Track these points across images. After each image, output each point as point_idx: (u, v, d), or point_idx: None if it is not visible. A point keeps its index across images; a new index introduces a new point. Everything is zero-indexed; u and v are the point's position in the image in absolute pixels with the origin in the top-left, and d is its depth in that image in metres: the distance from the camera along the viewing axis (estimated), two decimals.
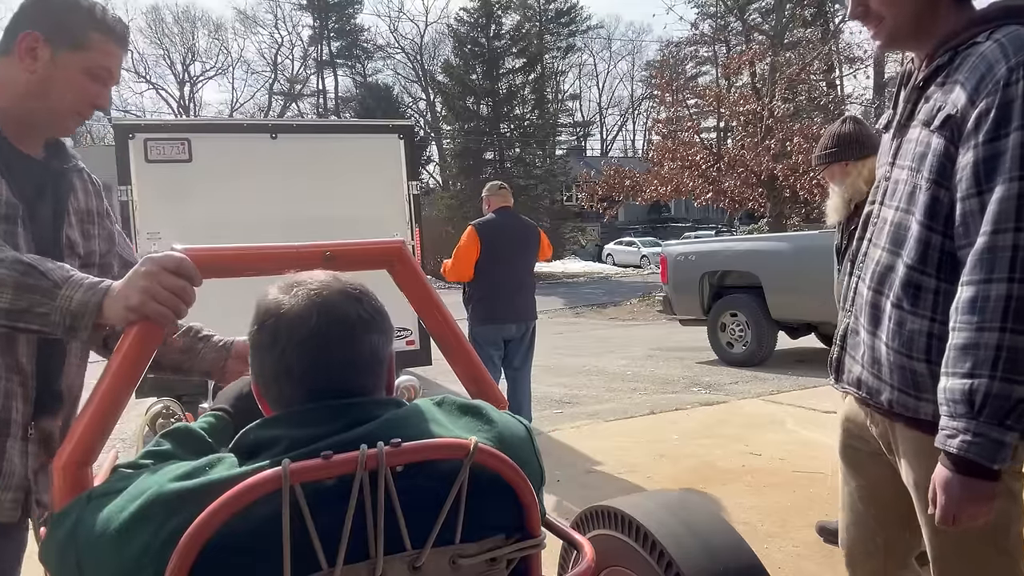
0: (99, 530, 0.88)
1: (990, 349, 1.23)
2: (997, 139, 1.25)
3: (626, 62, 62.43)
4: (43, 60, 1.41)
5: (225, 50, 49.35)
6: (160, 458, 1.10)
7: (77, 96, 1.46)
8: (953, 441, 1.26)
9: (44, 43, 1.41)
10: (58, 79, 1.43)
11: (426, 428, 1.01)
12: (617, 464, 4.33)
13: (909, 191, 1.42)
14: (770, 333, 7.74)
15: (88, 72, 1.45)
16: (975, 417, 1.24)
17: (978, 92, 1.28)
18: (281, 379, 0.99)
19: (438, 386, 6.96)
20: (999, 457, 1.23)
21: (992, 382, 1.22)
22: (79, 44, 1.43)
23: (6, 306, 1.15)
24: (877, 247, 1.50)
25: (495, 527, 1.01)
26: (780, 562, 3.01)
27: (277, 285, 1.04)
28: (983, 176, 1.27)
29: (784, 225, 17.18)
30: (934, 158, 1.36)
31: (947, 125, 1.34)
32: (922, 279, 1.39)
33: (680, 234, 28.27)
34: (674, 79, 21.16)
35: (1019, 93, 1.23)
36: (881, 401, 1.50)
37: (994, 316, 1.23)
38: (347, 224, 5.60)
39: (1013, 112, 1.23)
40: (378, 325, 1.04)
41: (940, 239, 1.36)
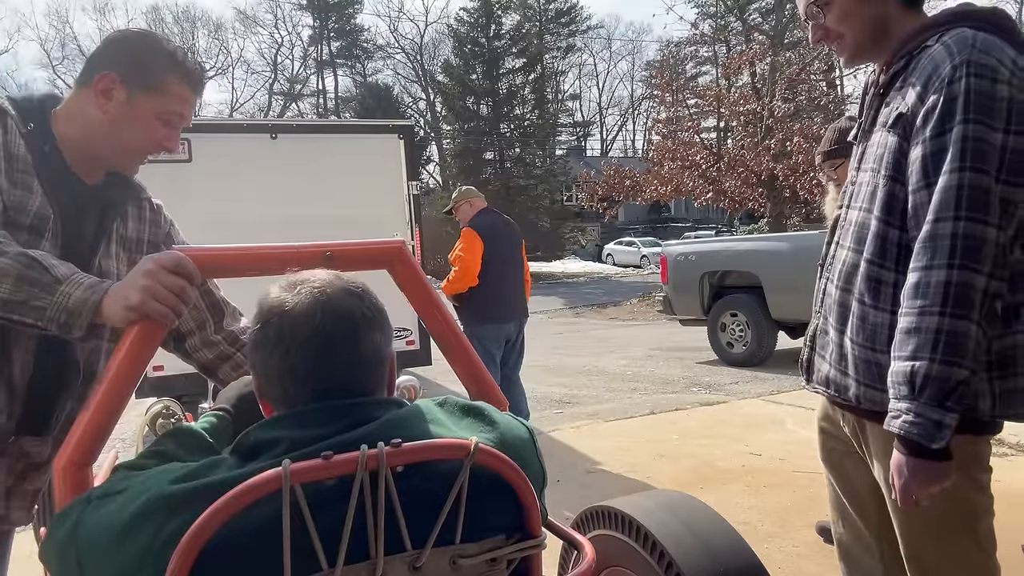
0: (100, 531, 0.88)
1: (930, 332, 1.28)
2: (943, 133, 1.32)
3: (626, 62, 62.55)
4: (117, 101, 1.42)
5: (225, 50, 49.37)
6: (160, 458, 1.10)
7: (146, 138, 1.46)
8: (896, 422, 1.33)
9: (121, 85, 1.41)
10: (130, 120, 1.43)
11: (427, 429, 1.00)
12: (617, 464, 4.33)
13: (870, 191, 1.48)
14: (770, 333, 7.74)
15: (160, 116, 1.45)
16: (916, 398, 1.29)
17: (926, 90, 1.35)
18: (285, 377, 0.99)
19: (438, 386, 6.96)
20: (937, 437, 1.28)
21: (932, 364, 1.28)
22: (155, 87, 1.43)
23: (4, 296, 1.14)
24: (843, 247, 1.56)
25: (495, 527, 1.01)
26: (780, 562, 3.01)
27: (279, 284, 1.04)
28: (931, 169, 1.33)
29: (784, 225, 17.19)
30: (889, 155, 1.43)
31: (899, 123, 1.41)
32: (881, 273, 1.44)
33: (680, 234, 28.28)
34: (674, 79, 21.16)
35: (962, 89, 1.30)
36: (849, 397, 1.53)
37: (934, 301, 1.28)
38: (347, 224, 5.59)
39: (957, 107, 1.30)
40: (380, 324, 1.04)
41: (897, 233, 1.42)
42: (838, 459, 1.75)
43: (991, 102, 1.29)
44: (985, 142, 1.28)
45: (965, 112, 1.29)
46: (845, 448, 1.71)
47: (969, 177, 1.28)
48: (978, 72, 1.30)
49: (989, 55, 1.31)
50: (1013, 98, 1.30)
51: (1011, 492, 3.56)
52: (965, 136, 1.29)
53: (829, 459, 1.79)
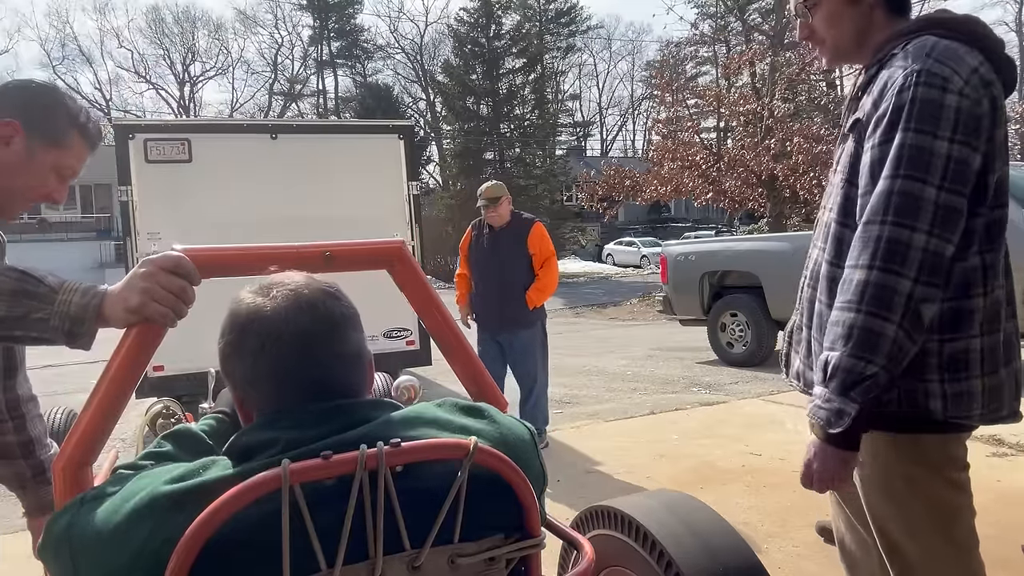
0: (93, 531, 0.88)
1: (845, 327, 1.34)
2: (888, 141, 1.35)
3: (626, 62, 62.59)
4: (15, 149, 1.42)
5: (225, 50, 49.42)
6: (160, 459, 1.10)
7: (38, 187, 1.47)
8: (809, 406, 1.42)
9: (22, 133, 1.41)
10: (25, 169, 1.43)
11: (425, 429, 1.00)
12: (617, 464, 4.33)
13: (833, 194, 1.54)
14: (770, 333, 7.73)
15: (56, 169, 1.47)
16: (825, 385, 1.37)
17: (881, 97, 1.39)
18: (269, 380, 0.98)
19: (438, 386, 6.96)
20: (836, 423, 1.34)
21: (842, 356, 1.34)
22: (57, 142, 1.45)
23: (2, 314, 1.12)
24: (815, 248, 1.62)
25: (494, 527, 1.01)
26: (780, 562, 3.01)
27: (250, 289, 1.03)
28: (876, 174, 1.37)
29: (784, 225, 17.19)
30: (847, 159, 1.49)
31: (856, 128, 1.46)
32: (836, 272, 1.48)
33: (680, 234, 28.28)
34: (674, 79, 21.16)
35: (909, 98, 1.33)
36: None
37: (853, 298, 1.34)
38: (347, 224, 5.60)
39: (903, 115, 1.33)
40: (357, 323, 1.05)
41: (851, 234, 1.44)
42: None
43: (938, 111, 1.31)
44: (925, 151, 1.31)
45: (908, 120, 1.32)
46: None
47: (900, 184, 1.31)
48: (928, 81, 1.32)
49: (944, 64, 1.33)
50: (961, 108, 1.31)
51: (1011, 492, 3.57)
52: (903, 144, 1.32)
53: None
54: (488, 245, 4.87)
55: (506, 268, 4.78)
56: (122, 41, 68.19)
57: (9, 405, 1.70)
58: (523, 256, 4.80)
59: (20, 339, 1.15)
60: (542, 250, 4.84)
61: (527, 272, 4.78)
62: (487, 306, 4.86)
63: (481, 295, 4.89)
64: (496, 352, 4.87)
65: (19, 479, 1.73)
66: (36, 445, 1.72)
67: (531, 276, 4.77)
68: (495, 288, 4.79)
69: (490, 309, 4.84)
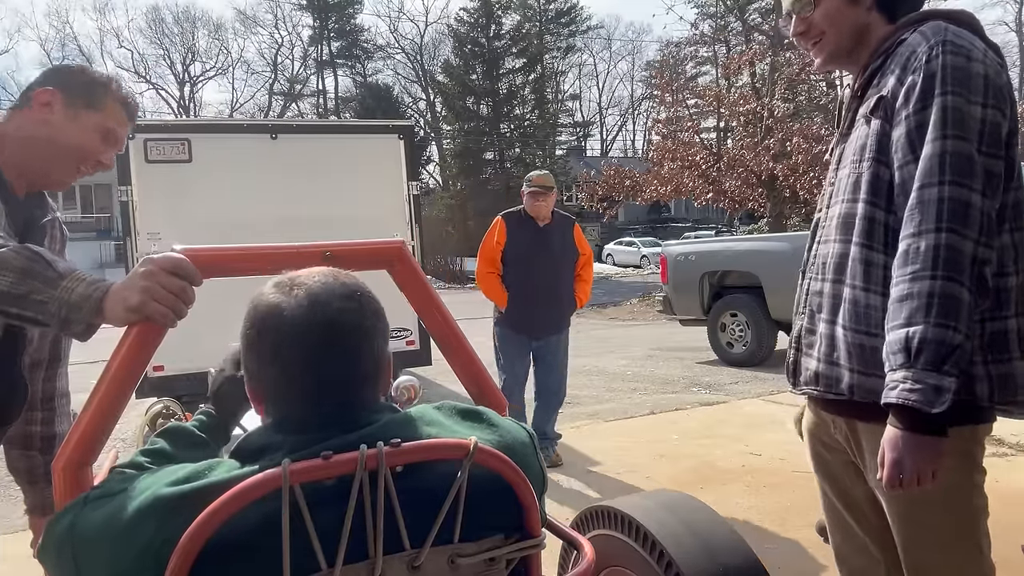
0: (96, 531, 0.88)
1: (923, 297, 1.26)
2: (925, 108, 1.34)
3: (626, 62, 62.49)
4: (58, 112, 1.51)
5: (225, 50, 49.37)
6: (156, 457, 1.10)
7: (85, 146, 1.54)
8: (893, 392, 1.28)
9: (61, 99, 1.51)
10: (70, 130, 1.52)
11: (426, 430, 1.01)
12: (617, 464, 4.34)
13: (853, 182, 1.49)
14: (770, 333, 7.74)
15: (100, 131, 1.55)
16: (913, 364, 1.26)
17: (905, 72, 1.39)
18: (280, 380, 0.98)
19: (438, 386, 6.96)
20: (937, 402, 1.24)
21: (927, 328, 1.25)
22: (95, 105, 1.54)
23: (5, 288, 1.14)
24: (828, 242, 1.56)
25: (494, 527, 1.01)
26: (780, 562, 3.01)
27: (274, 284, 1.03)
28: (916, 143, 1.34)
29: (784, 225, 17.18)
30: (873, 138, 1.44)
31: (880, 106, 1.43)
32: (871, 255, 1.43)
33: (680, 234, 28.27)
34: (674, 79, 21.16)
35: (939, 65, 1.33)
36: (841, 389, 1.49)
37: (925, 264, 1.27)
38: (347, 224, 5.59)
39: (936, 82, 1.33)
40: (376, 324, 1.03)
41: (883, 215, 1.42)
42: (833, 469, 1.71)
43: (967, 77, 1.32)
44: (964, 113, 1.30)
45: (944, 85, 1.32)
46: (838, 456, 1.67)
47: (952, 144, 1.29)
48: (954, 50, 1.34)
49: (962, 38, 1.36)
50: (988, 75, 1.33)
51: (1011, 492, 3.56)
52: (945, 107, 1.31)
53: (822, 468, 1.75)
54: (534, 240, 4.41)
55: (558, 267, 4.44)
56: (122, 41, 68.37)
57: (44, 395, 1.74)
58: (573, 254, 4.53)
59: (16, 316, 1.16)
60: (587, 248, 4.67)
61: (572, 272, 4.55)
62: (528, 308, 4.37)
63: (523, 298, 4.36)
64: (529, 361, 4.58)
65: (30, 474, 1.74)
66: (58, 443, 1.74)
67: (573, 276, 4.56)
68: (542, 288, 4.35)
69: (532, 311, 4.38)
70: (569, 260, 4.51)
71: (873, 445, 1.48)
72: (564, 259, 4.48)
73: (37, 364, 1.71)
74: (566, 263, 4.50)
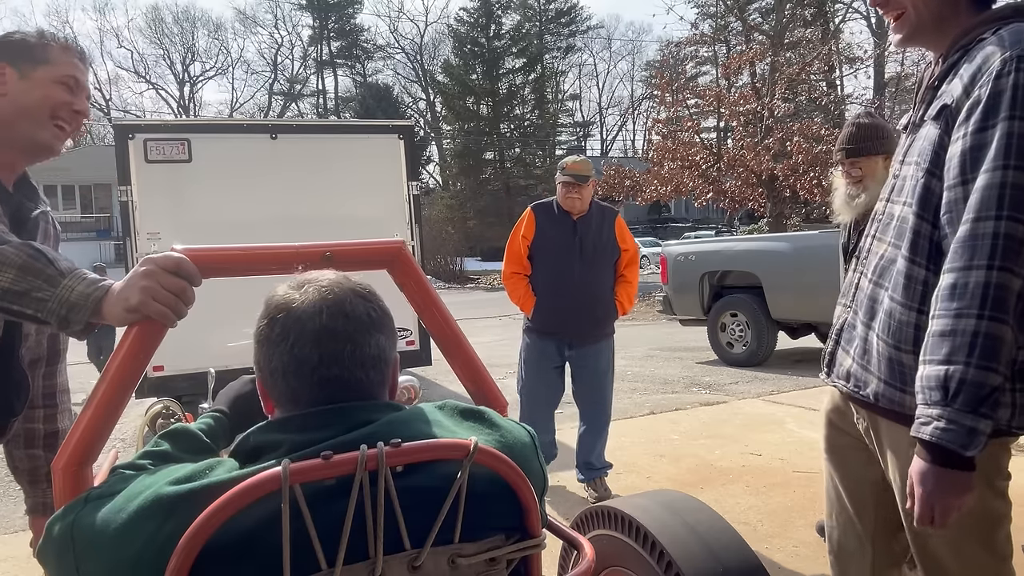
0: (97, 531, 0.88)
1: (967, 335, 1.22)
2: (985, 129, 1.26)
3: (626, 62, 62.53)
4: (11, 81, 1.50)
5: (225, 50, 49.46)
6: (158, 459, 1.10)
7: (52, 102, 1.54)
8: (927, 428, 1.25)
9: (7, 66, 1.51)
10: (30, 93, 1.52)
11: (427, 430, 1.01)
12: (617, 464, 4.33)
13: (913, 185, 1.43)
14: (770, 333, 7.74)
15: (58, 81, 1.54)
16: (949, 404, 1.23)
17: (973, 83, 1.29)
18: (289, 375, 1.00)
19: (438, 386, 6.96)
20: (972, 444, 1.22)
21: (968, 369, 1.21)
22: (43, 60, 1.53)
23: (6, 285, 1.14)
24: (881, 241, 1.51)
25: (495, 527, 1.01)
26: (780, 562, 3.01)
27: (287, 284, 1.05)
28: (969, 165, 1.28)
29: (784, 225, 17.18)
30: (929, 147, 1.38)
31: (942, 115, 1.36)
32: (913, 269, 1.39)
33: (680, 234, 28.27)
34: (674, 79, 21.15)
35: (1009, 84, 1.24)
36: (867, 394, 1.50)
37: (972, 303, 1.22)
38: (347, 224, 5.61)
39: (1002, 102, 1.24)
40: (385, 326, 1.05)
41: (930, 228, 1.37)
42: (843, 454, 1.72)
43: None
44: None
45: (1011, 108, 1.23)
46: (854, 444, 1.68)
47: (1013, 175, 1.22)
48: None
49: None
50: None
51: (1012, 492, 3.54)
52: (1010, 133, 1.22)
53: (833, 452, 1.76)
54: (566, 233, 3.85)
55: (595, 266, 3.86)
56: (122, 41, 68.40)
57: (45, 392, 1.75)
58: (613, 251, 3.92)
59: (16, 313, 1.16)
60: (633, 245, 4.03)
61: (613, 271, 3.95)
62: (558, 310, 3.84)
63: (553, 298, 3.85)
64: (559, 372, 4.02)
65: (33, 474, 1.74)
66: (61, 438, 1.74)
67: (614, 276, 3.97)
68: (575, 287, 3.81)
69: (562, 313, 3.83)
70: (608, 257, 3.91)
71: (893, 443, 1.50)
72: (601, 255, 3.88)
73: (37, 361, 1.71)
74: (604, 260, 3.89)
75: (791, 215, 18.23)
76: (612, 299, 3.93)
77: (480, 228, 29.88)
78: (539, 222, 3.92)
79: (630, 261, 4.00)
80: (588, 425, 4.04)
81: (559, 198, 3.89)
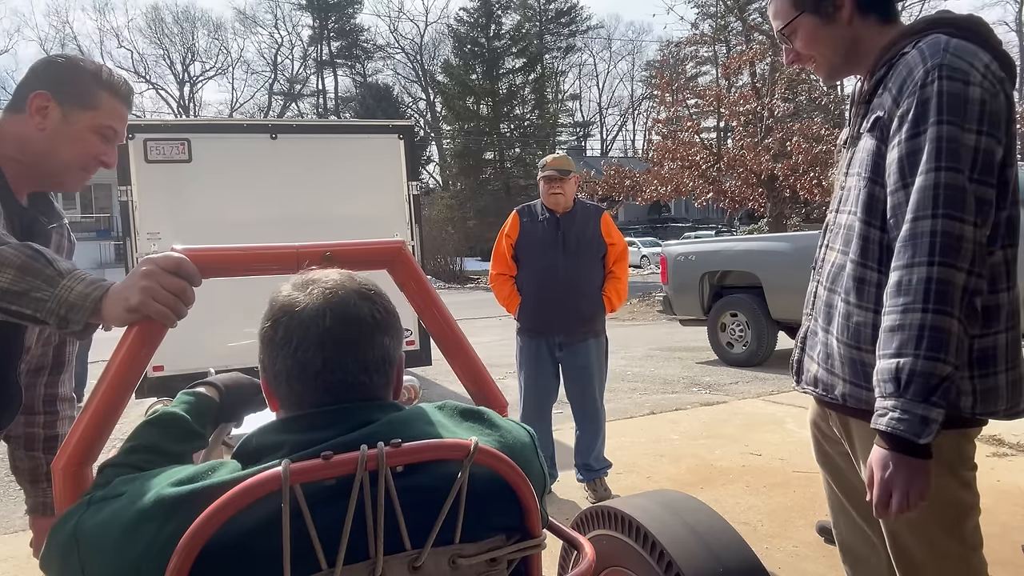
0: (100, 533, 0.88)
1: (914, 329, 1.30)
2: (917, 135, 1.35)
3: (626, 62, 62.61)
4: (53, 118, 1.49)
5: (225, 50, 49.50)
6: (146, 453, 1.09)
7: (84, 152, 1.53)
8: (883, 419, 1.32)
9: (54, 103, 1.49)
10: (67, 136, 1.50)
11: (427, 430, 1.01)
12: (617, 464, 4.33)
13: (856, 194, 1.51)
14: (770, 333, 7.74)
15: (96, 130, 1.53)
16: (902, 395, 1.30)
17: (901, 93, 1.40)
18: (292, 377, 0.99)
19: (438, 386, 6.96)
20: (925, 432, 1.29)
21: (917, 360, 1.29)
22: (88, 104, 1.51)
23: (5, 285, 1.14)
24: (832, 250, 1.59)
25: (495, 527, 1.01)
26: (780, 562, 3.01)
27: (292, 282, 1.05)
28: (907, 170, 1.37)
29: (784, 225, 17.20)
30: (868, 157, 1.48)
31: (877, 126, 1.46)
32: (864, 272, 1.47)
33: (680, 234, 28.28)
34: (674, 79, 21.16)
35: (934, 92, 1.34)
36: (836, 396, 1.56)
37: (917, 298, 1.30)
38: (347, 224, 5.61)
39: (930, 109, 1.34)
40: (389, 327, 1.04)
41: (878, 233, 1.45)
42: (834, 462, 1.76)
43: (963, 104, 1.32)
44: (958, 142, 1.31)
45: (938, 114, 1.32)
46: (838, 449, 1.72)
47: (944, 176, 1.31)
48: (950, 75, 1.33)
49: (961, 59, 1.35)
50: (984, 100, 1.33)
51: (1011, 492, 3.57)
52: (939, 137, 1.32)
53: (824, 460, 1.80)
54: (551, 230, 3.86)
55: (579, 261, 3.85)
56: (122, 41, 68.44)
57: (46, 399, 1.75)
58: (599, 246, 3.90)
59: (14, 314, 1.16)
60: (620, 240, 4.00)
61: (601, 267, 3.93)
62: (543, 307, 3.86)
63: (537, 295, 3.87)
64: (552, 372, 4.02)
65: (33, 474, 1.74)
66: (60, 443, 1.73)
67: (603, 273, 3.95)
68: (561, 285, 3.81)
69: (547, 310, 3.85)
70: (593, 252, 3.89)
71: (862, 441, 1.55)
72: (586, 250, 3.87)
73: (39, 369, 1.72)
74: (589, 255, 3.88)
75: (791, 215, 18.24)
76: (599, 296, 3.93)
77: (480, 228, 29.90)
78: (523, 221, 3.97)
79: (618, 257, 3.98)
80: (582, 427, 4.07)
81: (542, 195, 3.95)
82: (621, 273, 4.00)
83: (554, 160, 3.94)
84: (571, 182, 3.90)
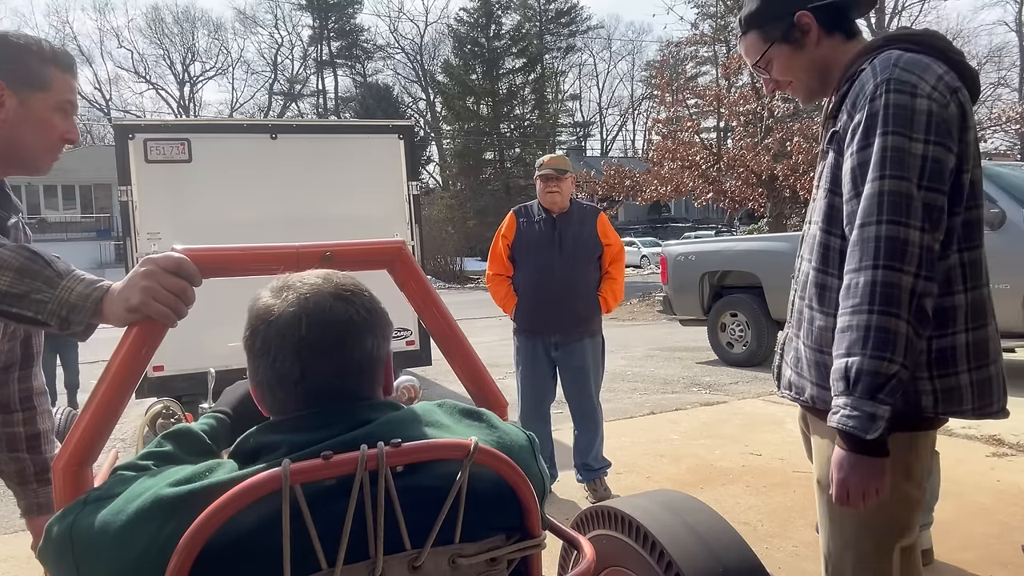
0: (97, 533, 0.88)
1: (861, 329, 1.35)
2: (867, 147, 1.41)
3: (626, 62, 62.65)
4: (11, 107, 1.45)
5: (225, 50, 49.54)
6: (160, 459, 1.10)
7: (49, 134, 1.50)
8: (835, 417, 1.38)
9: (8, 91, 1.44)
10: (29, 121, 1.47)
11: (427, 429, 1.01)
12: (617, 464, 4.33)
13: (821, 205, 1.57)
14: (770, 333, 7.74)
15: (57, 109, 1.49)
16: (851, 392, 1.35)
17: (854, 107, 1.46)
18: (275, 386, 0.99)
19: (438, 386, 6.96)
20: (872, 429, 1.33)
21: (863, 359, 1.34)
22: (41, 84, 1.47)
23: (4, 288, 1.13)
24: (803, 260, 1.65)
25: (495, 527, 1.01)
26: (780, 562, 3.01)
27: (268, 288, 1.04)
28: (858, 179, 1.42)
29: (784, 225, 17.19)
30: (828, 170, 1.55)
31: (834, 140, 1.53)
32: (825, 279, 1.53)
33: (680, 234, 28.28)
34: (674, 79, 21.16)
35: (881, 105, 1.40)
36: (806, 398, 1.60)
37: (863, 300, 1.35)
38: (347, 224, 5.61)
39: (877, 122, 1.40)
40: (371, 325, 1.02)
41: (838, 241, 1.51)
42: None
43: (910, 115, 1.37)
44: (904, 151, 1.37)
45: (885, 125, 1.38)
46: None
47: (888, 184, 1.36)
48: (898, 88, 1.39)
49: (910, 72, 1.40)
50: (932, 111, 1.38)
51: (1011, 492, 3.57)
52: (885, 147, 1.37)
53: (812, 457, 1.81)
54: (548, 230, 3.88)
55: (575, 261, 3.86)
56: (122, 41, 68.45)
57: (22, 396, 1.72)
58: (595, 246, 3.91)
59: (15, 316, 1.15)
60: (617, 241, 4.03)
61: (597, 267, 3.95)
62: (538, 307, 3.87)
63: (534, 296, 3.88)
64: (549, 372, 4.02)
65: (21, 475, 1.73)
66: (43, 440, 1.72)
67: (599, 273, 3.97)
68: (558, 286, 3.82)
69: (543, 310, 3.86)
70: (589, 252, 3.90)
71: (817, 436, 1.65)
72: (582, 250, 3.88)
73: (9, 366, 1.68)
74: (584, 255, 3.89)
75: (791, 215, 18.22)
76: (595, 296, 3.94)
77: (480, 228, 29.89)
78: (519, 222, 3.99)
79: (615, 258, 4.00)
80: (580, 427, 4.07)
81: (539, 195, 3.96)
82: (617, 274, 4.01)
83: (551, 159, 3.97)
84: (567, 181, 3.92)
